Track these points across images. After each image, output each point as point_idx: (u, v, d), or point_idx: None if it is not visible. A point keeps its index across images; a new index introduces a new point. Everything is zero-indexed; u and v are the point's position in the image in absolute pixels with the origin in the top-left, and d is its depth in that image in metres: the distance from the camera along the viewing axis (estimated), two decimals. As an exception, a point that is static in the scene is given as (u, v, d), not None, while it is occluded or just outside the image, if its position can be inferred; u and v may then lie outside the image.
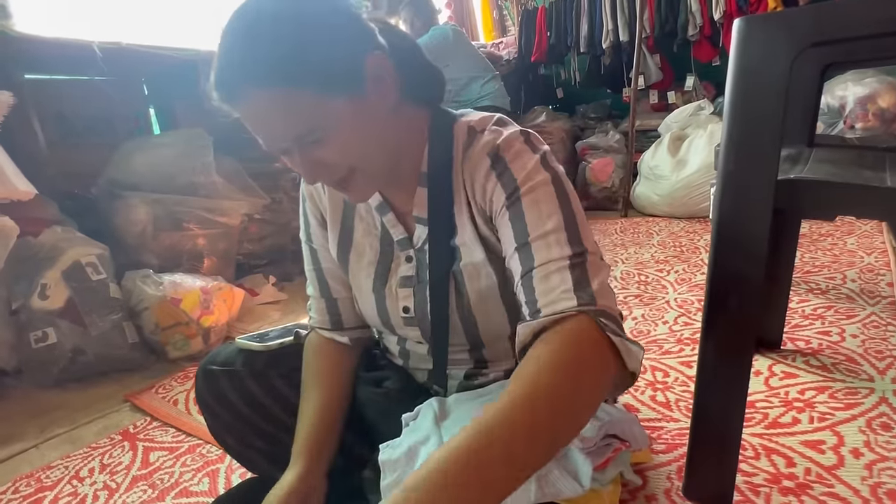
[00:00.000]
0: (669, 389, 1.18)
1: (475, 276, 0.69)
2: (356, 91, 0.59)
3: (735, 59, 0.69)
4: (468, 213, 0.68)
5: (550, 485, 0.59)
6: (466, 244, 0.69)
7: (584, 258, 0.58)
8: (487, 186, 0.65)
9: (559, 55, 3.66)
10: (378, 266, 0.76)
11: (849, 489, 0.84)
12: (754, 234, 0.71)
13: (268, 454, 0.84)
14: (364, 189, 0.66)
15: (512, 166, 0.63)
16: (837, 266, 1.79)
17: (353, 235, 0.78)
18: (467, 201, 0.68)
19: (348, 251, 0.79)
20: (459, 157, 0.68)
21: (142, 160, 1.99)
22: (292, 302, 2.17)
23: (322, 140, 0.58)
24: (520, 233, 0.60)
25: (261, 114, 0.58)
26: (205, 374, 0.82)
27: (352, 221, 0.78)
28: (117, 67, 1.94)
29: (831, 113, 2.46)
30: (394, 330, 0.79)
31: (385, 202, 0.74)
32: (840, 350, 1.25)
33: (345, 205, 0.79)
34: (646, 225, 2.72)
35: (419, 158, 0.70)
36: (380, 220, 0.76)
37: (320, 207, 0.81)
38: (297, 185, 2.53)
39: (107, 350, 1.60)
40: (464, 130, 0.69)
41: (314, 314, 0.85)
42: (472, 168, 0.66)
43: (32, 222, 1.65)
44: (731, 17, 2.86)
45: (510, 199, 0.62)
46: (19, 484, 1.14)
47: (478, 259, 0.68)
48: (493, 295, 0.69)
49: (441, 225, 0.69)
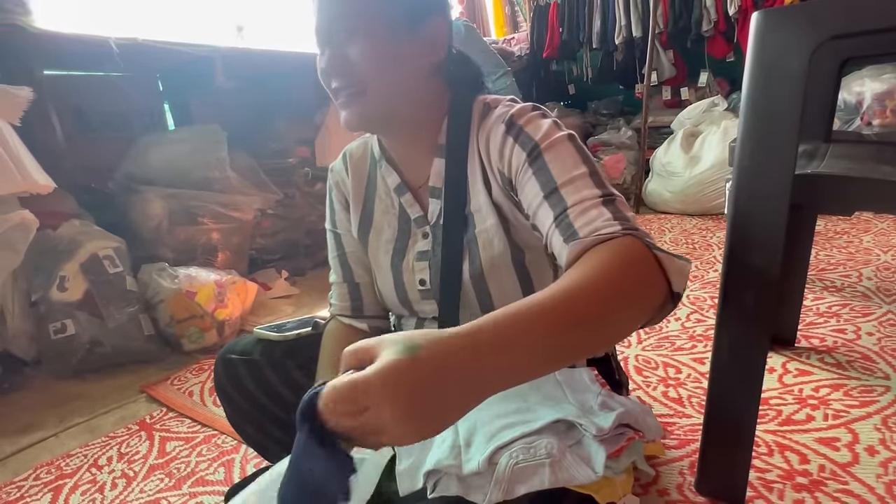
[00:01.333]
0: (682, 386, 1.18)
1: (488, 242, 0.71)
2: (410, 29, 0.66)
3: (753, 53, 0.69)
4: (482, 180, 0.71)
5: (564, 470, 0.59)
6: (480, 210, 0.72)
7: (614, 197, 0.59)
8: (505, 150, 0.67)
9: (571, 51, 3.64)
10: (396, 243, 0.80)
11: (864, 486, 0.83)
12: (771, 229, 0.71)
13: (285, 444, 0.85)
14: (364, 113, 0.68)
15: (527, 129, 0.66)
16: (853, 264, 1.77)
17: (373, 215, 0.82)
18: (482, 168, 0.71)
19: (368, 230, 0.82)
20: (475, 128, 0.72)
21: (157, 155, 2.01)
22: (304, 296, 2.18)
23: (362, 37, 0.64)
24: (546, 182, 0.62)
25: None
26: (224, 363, 0.83)
27: (372, 203, 0.82)
28: (133, 63, 1.96)
29: (848, 109, 2.43)
30: (411, 307, 0.81)
31: (403, 183, 0.78)
32: (855, 348, 1.24)
33: (366, 187, 0.83)
34: (658, 222, 2.71)
35: (438, 131, 0.74)
36: (398, 201, 0.79)
37: (344, 192, 0.85)
38: (309, 182, 2.56)
39: (124, 342, 1.63)
40: (480, 106, 0.73)
41: (335, 300, 0.86)
42: (487, 135, 0.70)
43: (51, 215, 1.67)
44: (746, 13, 2.82)
45: (531, 155, 0.64)
46: (40, 471, 1.17)
47: (491, 224, 0.71)
48: (506, 262, 0.71)
49: (455, 193, 0.73)
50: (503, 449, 0.61)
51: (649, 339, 1.43)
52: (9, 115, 1.54)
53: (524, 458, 0.60)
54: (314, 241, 2.62)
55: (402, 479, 0.64)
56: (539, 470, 0.58)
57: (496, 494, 0.57)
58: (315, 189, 2.60)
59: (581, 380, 0.74)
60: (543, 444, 0.61)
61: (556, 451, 0.60)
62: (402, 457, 0.66)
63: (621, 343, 1.41)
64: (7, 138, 1.50)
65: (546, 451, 0.60)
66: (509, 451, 0.61)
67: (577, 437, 0.64)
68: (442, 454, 0.63)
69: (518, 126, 0.67)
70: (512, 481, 0.58)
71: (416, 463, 0.64)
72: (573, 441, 0.63)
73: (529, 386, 0.72)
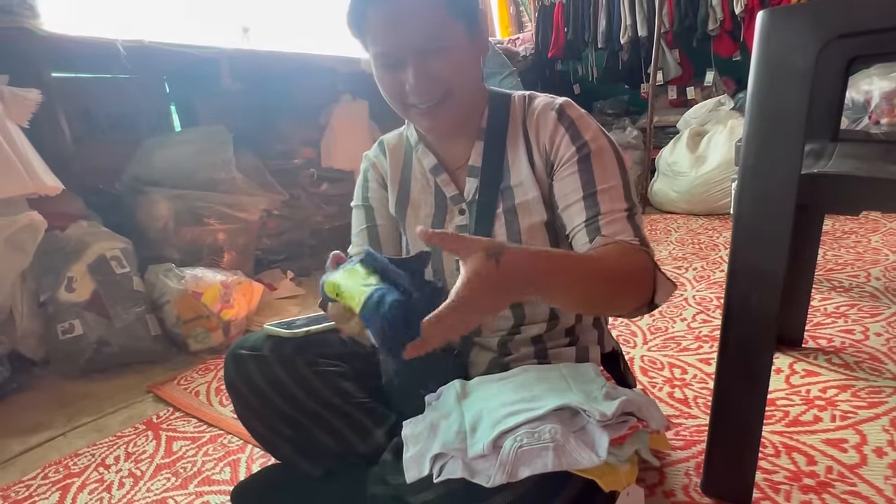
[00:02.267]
0: (688, 386, 1.18)
1: (528, 212, 0.80)
2: (472, 28, 0.75)
3: (758, 52, 0.69)
4: (527, 158, 0.80)
5: (567, 454, 0.60)
6: (522, 184, 0.80)
7: (635, 212, 0.72)
8: (556, 137, 0.77)
9: (576, 51, 3.64)
10: (434, 219, 0.86)
11: (872, 488, 0.83)
12: (776, 229, 0.71)
13: (292, 441, 0.86)
14: (449, 116, 0.77)
15: (578, 124, 0.76)
16: (861, 264, 1.76)
17: (410, 193, 0.89)
18: (526, 148, 0.80)
19: (406, 207, 0.89)
20: (520, 114, 0.82)
21: (163, 156, 2.02)
22: (310, 296, 2.19)
23: (440, 52, 0.72)
24: (587, 184, 0.73)
25: (403, 16, 0.70)
26: (234, 358, 0.84)
27: (409, 182, 0.89)
28: (140, 65, 1.97)
29: (856, 108, 2.41)
30: (445, 280, 0.84)
31: (440, 164, 0.85)
32: (863, 348, 1.23)
33: (402, 170, 0.90)
34: (663, 222, 2.70)
35: (481, 116, 0.83)
36: (433, 181, 0.86)
37: (382, 173, 0.91)
38: (314, 182, 2.57)
39: (130, 342, 1.64)
40: (519, 97, 0.84)
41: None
42: (537, 120, 0.80)
43: (59, 217, 1.69)
44: (752, 11, 2.81)
45: (580, 152, 0.75)
46: (48, 470, 1.18)
47: (532, 196, 0.79)
48: (542, 232, 0.80)
49: (492, 171, 0.81)
50: (508, 433, 0.62)
51: (655, 339, 1.42)
52: (18, 117, 1.55)
53: (528, 441, 0.61)
54: (319, 241, 2.63)
55: (409, 467, 0.65)
56: (542, 453, 0.59)
57: (500, 477, 0.58)
58: (320, 190, 2.61)
59: (586, 373, 0.76)
60: (547, 429, 0.62)
61: (559, 435, 0.61)
62: (409, 444, 0.67)
63: (627, 343, 1.41)
64: (16, 140, 1.51)
65: (550, 435, 0.61)
66: (514, 435, 0.62)
67: (581, 424, 0.65)
68: (448, 438, 0.65)
69: (570, 118, 0.77)
70: (516, 464, 0.59)
71: (423, 450, 0.66)
72: (577, 427, 0.64)
73: (536, 378, 0.74)
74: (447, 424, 0.68)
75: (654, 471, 0.92)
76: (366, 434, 0.85)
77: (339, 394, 0.85)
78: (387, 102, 0.79)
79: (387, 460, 0.75)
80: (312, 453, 0.86)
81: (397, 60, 0.73)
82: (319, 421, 0.84)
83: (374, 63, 0.76)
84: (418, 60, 0.72)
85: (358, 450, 0.84)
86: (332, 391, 0.85)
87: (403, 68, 0.73)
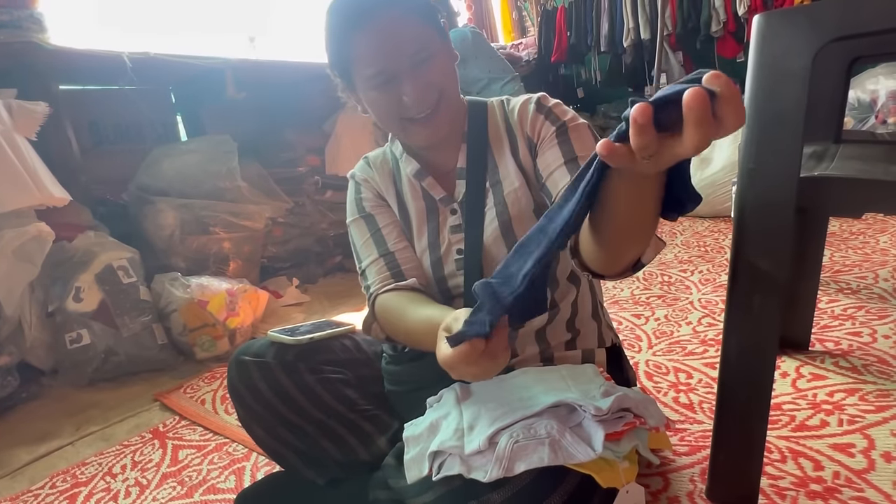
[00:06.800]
0: (693, 391, 1.17)
1: (516, 200, 0.83)
2: (441, 34, 0.79)
3: (755, 56, 0.68)
4: (511, 153, 0.84)
5: (563, 449, 0.60)
6: (509, 176, 0.84)
7: None
8: (536, 123, 0.82)
9: (579, 55, 3.64)
10: (429, 224, 0.88)
11: (880, 494, 0.81)
12: (777, 232, 0.70)
13: (295, 448, 0.86)
14: (445, 122, 0.80)
15: (555, 110, 0.82)
16: (869, 265, 1.74)
17: (405, 203, 0.90)
18: (511, 144, 0.85)
19: (409, 217, 0.90)
20: (500, 115, 0.87)
21: (170, 166, 2.05)
22: (315, 303, 2.20)
23: (429, 60, 0.75)
24: (567, 152, 0.78)
25: (389, 32, 0.73)
26: (237, 364, 0.84)
27: (402, 194, 0.91)
28: (146, 77, 2.00)
29: (862, 108, 2.39)
30: (447, 284, 0.86)
31: (422, 169, 0.87)
32: (871, 351, 1.22)
33: (394, 182, 0.92)
34: (669, 224, 2.68)
35: (463, 121, 0.87)
36: (419, 186, 0.88)
37: (375, 187, 0.93)
38: (319, 190, 2.58)
39: (137, 351, 1.66)
40: (497, 101, 0.89)
41: (372, 277, 0.85)
42: (519, 115, 0.85)
43: (67, 227, 1.71)
44: (755, 13, 2.80)
45: (559, 129, 0.80)
46: (56, 479, 1.19)
47: (518, 185, 0.83)
48: (529, 213, 0.82)
49: (478, 170, 0.85)
50: (504, 430, 0.63)
51: (660, 343, 1.42)
52: (26, 129, 1.58)
53: (524, 436, 0.61)
54: (325, 248, 2.64)
55: (410, 467, 0.66)
56: (538, 448, 0.60)
57: (496, 472, 0.59)
58: (325, 197, 2.63)
59: (585, 373, 0.76)
60: (543, 425, 0.63)
61: (555, 430, 0.62)
62: (410, 446, 0.68)
63: (631, 348, 1.40)
64: (24, 152, 1.53)
65: (546, 430, 0.62)
66: (510, 430, 0.63)
67: (578, 420, 0.65)
68: (446, 436, 0.65)
69: (547, 107, 0.83)
70: (512, 459, 0.59)
71: (423, 450, 0.66)
72: (573, 423, 0.64)
73: (535, 380, 0.75)
74: (447, 424, 0.68)
75: (658, 476, 0.91)
76: (369, 441, 0.85)
77: (341, 401, 0.86)
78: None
79: (389, 464, 0.76)
80: (315, 460, 0.86)
81: (390, 77, 0.75)
82: (322, 427, 0.85)
83: (365, 87, 0.78)
84: (412, 71, 0.74)
85: (361, 457, 0.84)
86: (335, 398, 0.85)
87: (398, 83, 0.75)
